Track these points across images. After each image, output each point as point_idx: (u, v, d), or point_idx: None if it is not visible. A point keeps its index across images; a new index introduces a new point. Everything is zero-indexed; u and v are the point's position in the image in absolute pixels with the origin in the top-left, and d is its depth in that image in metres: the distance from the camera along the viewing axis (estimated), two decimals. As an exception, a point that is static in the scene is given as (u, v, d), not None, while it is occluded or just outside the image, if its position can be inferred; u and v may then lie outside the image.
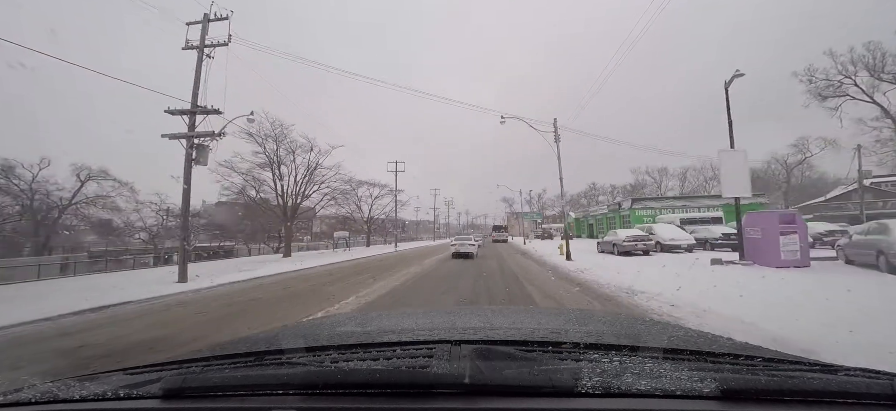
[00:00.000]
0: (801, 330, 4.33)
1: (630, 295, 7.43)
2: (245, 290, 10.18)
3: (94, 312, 7.46)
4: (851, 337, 4.01)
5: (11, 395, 0.86)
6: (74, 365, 4.29)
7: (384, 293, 8.93)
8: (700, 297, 6.53)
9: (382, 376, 0.78)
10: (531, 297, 7.93)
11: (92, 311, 7.47)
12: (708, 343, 1.12)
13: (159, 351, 4.64)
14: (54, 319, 6.85)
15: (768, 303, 5.90)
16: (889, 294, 6.53)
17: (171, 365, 1.04)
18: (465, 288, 9.52)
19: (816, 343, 3.78)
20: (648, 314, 5.79)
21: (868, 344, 3.81)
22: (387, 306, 7.39)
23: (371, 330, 1.42)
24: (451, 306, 6.47)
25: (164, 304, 8.39)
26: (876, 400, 0.70)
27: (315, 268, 16.30)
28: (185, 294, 9.76)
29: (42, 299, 8.85)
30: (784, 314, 5.11)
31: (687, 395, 0.72)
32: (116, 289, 10.31)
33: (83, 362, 4.37)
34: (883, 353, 3.50)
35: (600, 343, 1.03)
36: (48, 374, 3.53)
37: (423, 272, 13.62)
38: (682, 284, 7.78)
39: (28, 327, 6.38)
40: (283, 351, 1.10)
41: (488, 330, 1.28)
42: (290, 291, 9.75)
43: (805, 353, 1.40)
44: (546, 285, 9.77)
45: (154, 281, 12.07)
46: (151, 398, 0.80)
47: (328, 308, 7.30)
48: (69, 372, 2.61)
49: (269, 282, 11.81)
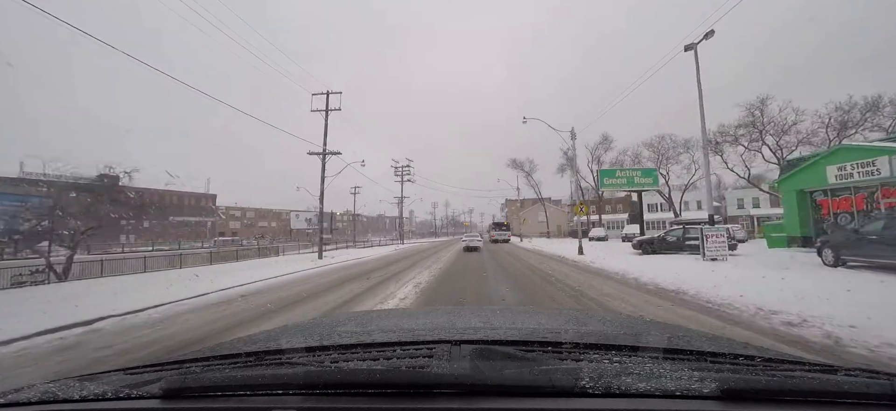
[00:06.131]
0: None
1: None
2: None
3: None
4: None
5: (11, 395, 0.88)
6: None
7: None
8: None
9: (382, 376, 0.78)
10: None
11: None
12: (708, 343, 1.12)
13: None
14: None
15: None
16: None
17: (171, 365, 1.05)
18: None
19: None
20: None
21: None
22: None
23: (371, 330, 1.43)
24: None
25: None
26: (876, 400, 0.71)
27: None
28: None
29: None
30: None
31: (687, 395, 0.72)
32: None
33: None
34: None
35: (600, 343, 1.03)
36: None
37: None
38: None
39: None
40: (283, 351, 1.11)
41: (488, 330, 1.29)
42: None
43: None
44: None
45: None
46: (151, 398, 0.81)
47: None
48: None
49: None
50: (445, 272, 12.98)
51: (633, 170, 27.76)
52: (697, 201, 52.03)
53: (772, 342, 4.69)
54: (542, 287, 9.23)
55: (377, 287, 10.07)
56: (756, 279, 8.15)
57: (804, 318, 5.10)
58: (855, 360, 3.80)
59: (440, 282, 10.40)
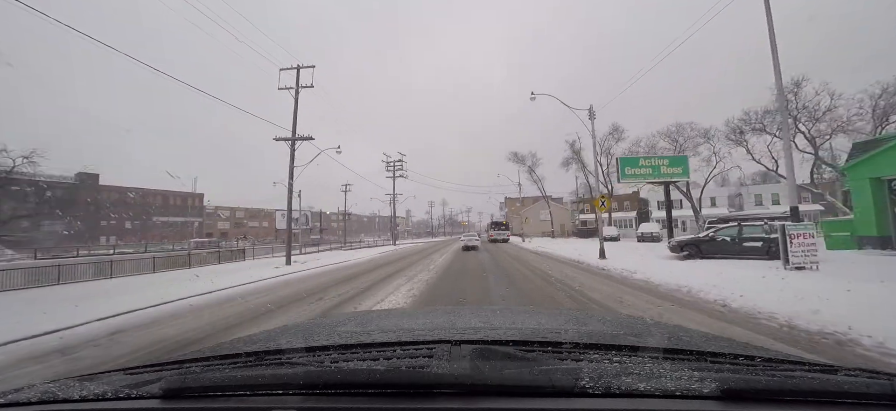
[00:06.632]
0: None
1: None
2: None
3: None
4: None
5: (11, 395, 0.87)
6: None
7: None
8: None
9: (382, 376, 0.78)
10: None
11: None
12: (708, 343, 1.11)
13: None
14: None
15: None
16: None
17: (171, 365, 1.04)
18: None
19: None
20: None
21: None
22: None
23: (371, 330, 1.42)
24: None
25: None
26: (876, 401, 0.70)
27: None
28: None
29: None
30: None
31: (687, 395, 0.71)
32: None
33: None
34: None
35: (600, 343, 1.03)
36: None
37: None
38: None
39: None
40: (283, 351, 1.10)
41: (488, 329, 1.28)
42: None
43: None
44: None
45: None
46: (151, 398, 0.80)
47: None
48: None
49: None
50: (435, 285, 10.05)
51: (659, 157, 23.71)
52: (712, 198, 48.74)
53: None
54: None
55: (331, 312, 7.41)
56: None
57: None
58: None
59: (429, 299, 8.17)
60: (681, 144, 35.97)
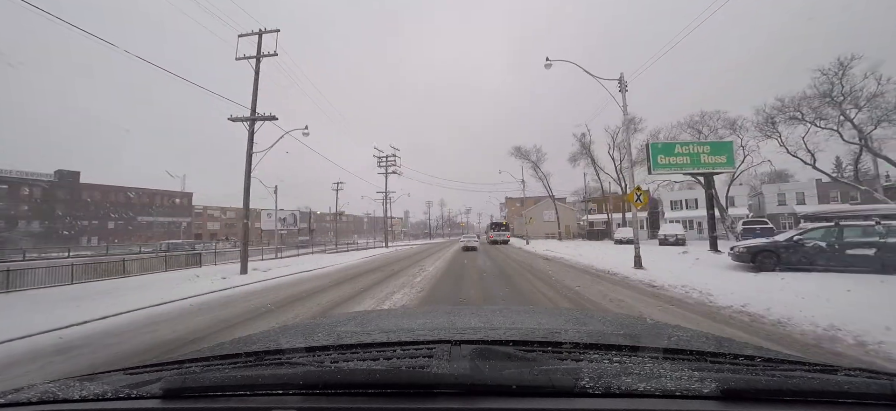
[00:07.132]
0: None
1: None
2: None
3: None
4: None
5: (11, 395, 0.86)
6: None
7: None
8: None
9: (382, 376, 0.78)
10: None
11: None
12: (708, 343, 1.10)
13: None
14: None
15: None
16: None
17: (171, 365, 1.03)
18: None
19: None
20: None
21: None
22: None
23: (371, 330, 1.41)
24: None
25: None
26: (875, 401, 0.70)
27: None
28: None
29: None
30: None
31: (687, 395, 0.71)
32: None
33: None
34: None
35: (600, 343, 1.02)
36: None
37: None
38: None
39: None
40: (283, 351, 1.09)
41: (488, 330, 1.27)
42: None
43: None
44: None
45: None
46: (151, 398, 0.80)
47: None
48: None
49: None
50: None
51: (699, 143, 19.34)
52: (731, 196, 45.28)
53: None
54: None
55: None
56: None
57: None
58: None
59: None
60: (705, 136, 32.25)
